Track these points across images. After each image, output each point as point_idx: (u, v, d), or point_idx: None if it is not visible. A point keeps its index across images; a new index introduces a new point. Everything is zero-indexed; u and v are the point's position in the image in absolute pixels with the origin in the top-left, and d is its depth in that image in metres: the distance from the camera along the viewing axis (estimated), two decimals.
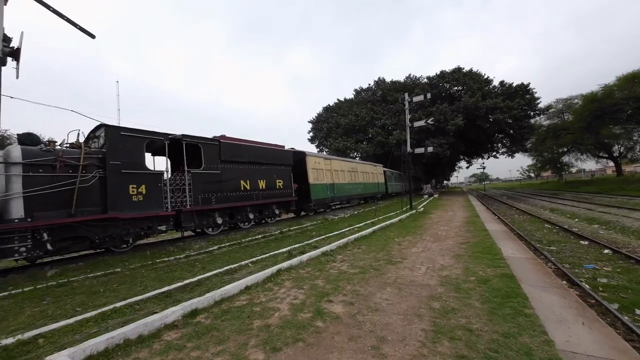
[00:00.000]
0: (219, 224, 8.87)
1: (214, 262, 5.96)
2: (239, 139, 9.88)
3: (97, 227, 6.18)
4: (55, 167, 5.61)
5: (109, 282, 4.87)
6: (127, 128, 6.77)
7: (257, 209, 10.45)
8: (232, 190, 9.12)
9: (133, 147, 6.78)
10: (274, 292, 4.09)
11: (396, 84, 37.38)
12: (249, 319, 3.26)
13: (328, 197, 14.60)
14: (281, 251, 6.31)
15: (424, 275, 4.53)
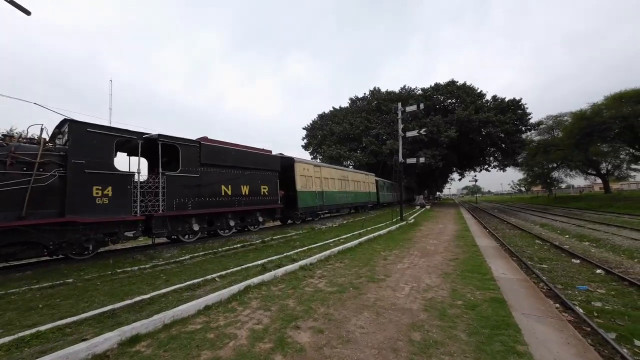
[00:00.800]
0: (195, 230, 8.31)
1: (180, 275, 5.41)
2: (222, 142, 9.42)
3: (52, 232, 5.59)
4: (5, 164, 5.05)
5: (54, 296, 4.29)
6: (95, 124, 6.25)
7: (239, 215, 9.92)
8: (211, 195, 8.60)
9: (101, 145, 6.26)
10: (237, 313, 3.59)
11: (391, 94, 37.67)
12: (197, 349, 2.76)
13: (317, 205, 14.14)
14: (255, 264, 5.80)
15: (407, 297, 4.09)
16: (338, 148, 35.62)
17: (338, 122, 38.56)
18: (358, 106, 41.18)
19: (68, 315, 3.44)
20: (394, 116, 22.76)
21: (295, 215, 12.85)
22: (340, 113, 41.34)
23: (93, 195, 6.03)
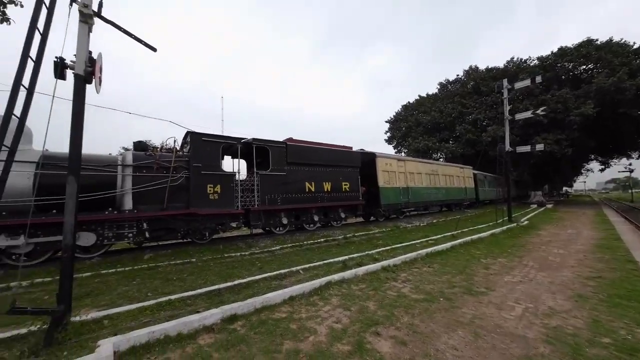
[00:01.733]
0: (284, 224, 9.11)
1: (271, 263, 6.01)
2: (306, 142, 9.96)
3: (182, 221, 7.16)
4: (153, 169, 6.75)
5: (183, 271, 5.46)
6: (207, 134, 7.63)
7: (322, 211, 10.30)
8: (297, 192, 9.23)
9: (211, 150, 7.60)
10: (317, 308, 3.67)
11: (492, 72, 31.73)
12: (281, 337, 2.93)
13: (401, 202, 13.29)
14: (336, 260, 5.85)
15: (519, 320, 3.27)
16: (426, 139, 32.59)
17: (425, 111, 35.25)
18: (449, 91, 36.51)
19: (190, 289, 4.29)
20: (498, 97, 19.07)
21: (378, 212, 12.44)
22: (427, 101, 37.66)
23: (207, 192, 7.40)
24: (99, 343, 2.59)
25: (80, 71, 3.01)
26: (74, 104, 2.97)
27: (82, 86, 3.04)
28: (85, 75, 3.05)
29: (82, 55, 3.05)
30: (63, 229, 2.84)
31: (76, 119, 2.97)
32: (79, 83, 3.01)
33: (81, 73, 3.01)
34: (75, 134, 2.97)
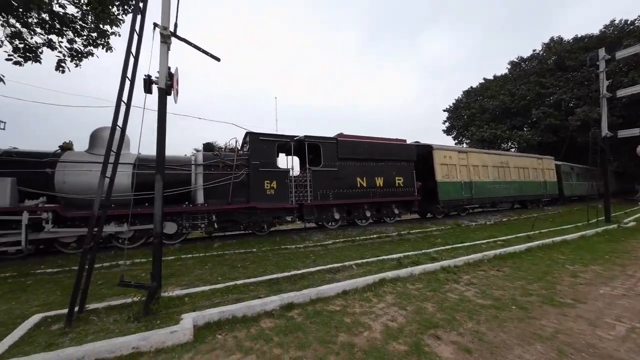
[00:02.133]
0: (336, 219, 9.22)
1: (324, 257, 6.16)
2: (357, 136, 9.85)
3: (244, 214, 7.85)
4: (219, 167, 7.54)
5: (246, 260, 6.00)
6: (263, 134, 8.17)
7: (375, 207, 10.09)
8: (348, 187, 9.23)
9: (268, 149, 8.11)
10: (371, 304, 3.64)
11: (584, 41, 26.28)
12: (335, 329, 3.00)
13: (462, 198, 12.14)
14: (391, 257, 5.68)
15: (622, 342, 2.70)
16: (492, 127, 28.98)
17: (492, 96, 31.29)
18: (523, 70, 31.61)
19: (252, 276, 4.70)
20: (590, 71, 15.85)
21: (436, 208, 11.61)
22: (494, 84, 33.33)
23: (265, 188, 7.95)
24: (181, 317, 3.04)
25: (163, 85, 3.52)
26: (159, 113, 3.50)
27: (164, 97, 3.56)
28: (166, 88, 3.56)
29: (163, 71, 3.56)
30: (153, 219, 3.39)
31: (161, 125, 3.49)
32: (161, 95, 3.53)
33: (163, 86, 3.53)
34: (160, 138, 3.49)
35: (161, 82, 3.53)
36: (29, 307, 3.70)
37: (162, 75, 3.54)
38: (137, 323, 2.96)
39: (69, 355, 2.36)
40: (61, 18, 7.14)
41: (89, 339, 2.65)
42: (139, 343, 2.59)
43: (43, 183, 6.19)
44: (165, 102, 3.59)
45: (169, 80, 3.59)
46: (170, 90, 3.68)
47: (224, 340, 2.82)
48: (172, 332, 2.72)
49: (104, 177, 3.23)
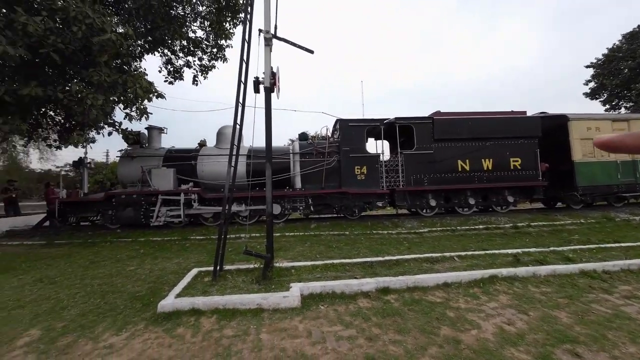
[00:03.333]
0: (432, 206, 8.51)
1: (420, 245, 5.85)
2: (457, 113, 8.62)
3: (336, 198, 8.24)
4: (313, 154, 8.10)
5: (339, 241, 6.35)
6: (352, 119, 8.21)
7: (481, 193, 8.73)
8: (447, 171, 8.29)
9: (357, 134, 8.14)
10: (480, 302, 3.25)
11: None
12: (437, 321, 2.85)
13: (618, 183, 8.99)
14: (503, 252, 4.86)
15: None
16: None
17: None
18: None
19: (347, 257, 4.94)
20: None
21: (572, 197, 9.06)
22: None
23: (355, 173, 8.08)
24: (290, 285, 3.53)
25: (267, 84, 4.00)
26: (266, 109, 4.01)
27: (269, 95, 4.04)
28: (270, 87, 4.02)
29: (267, 71, 4.03)
30: (265, 201, 3.98)
31: (267, 120, 4.00)
32: (267, 93, 4.02)
33: (268, 85, 4.00)
34: (268, 132, 4.02)
35: (266, 81, 4.01)
36: (189, 262, 5.06)
37: (266, 75, 4.02)
38: (258, 285, 3.62)
39: (216, 301, 3.13)
40: (194, 42, 9.02)
41: (227, 292, 3.42)
42: (260, 301, 3.17)
43: (190, 172, 8.22)
44: (270, 99, 4.07)
45: (272, 79, 4.04)
46: (274, 88, 4.14)
47: (326, 311, 3.11)
48: (285, 297, 3.20)
49: (231, 167, 3.98)
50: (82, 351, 2.46)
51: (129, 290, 3.75)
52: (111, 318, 3.01)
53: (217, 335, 2.66)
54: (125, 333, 2.74)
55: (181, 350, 2.46)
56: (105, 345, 2.54)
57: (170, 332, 2.74)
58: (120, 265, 4.91)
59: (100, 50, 5.33)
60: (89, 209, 8.07)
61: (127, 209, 7.59)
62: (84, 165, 10.06)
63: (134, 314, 3.09)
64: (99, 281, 4.08)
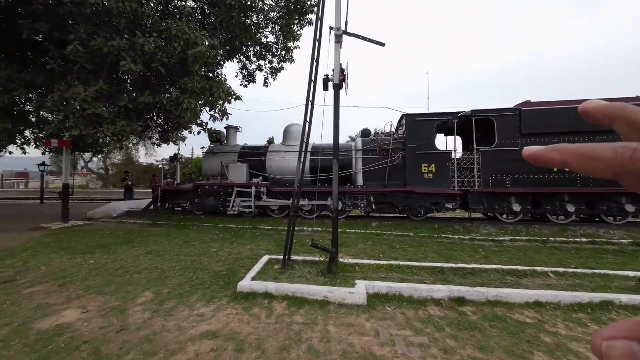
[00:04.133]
0: (516, 211, 7.37)
1: (500, 255, 5.16)
2: (554, 102, 7.21)
3: (400, 197, 7.87)
4: (377, 151, 7.89)
5: (403, 243, 6.06)
6: (420, 114, 7.68)
7: (584, 199, 7.17)
8: (537, 172, 7.05)
9: (425, 130, 7.58)
10: (587, 331, 2.67)
11: None
12: (529, 344, 2.46)
13: None
14: (620, 274, 3.89)
15: None
16: None
17: None
18: None
19: (413, 260, 4.69)
20: None
21: None
22: None
23: (422, 172, 7.56)
24: (356, 282, 3.52)
25: (337, 80, 4.03)
26: (335, 106, 4.05)
27: (338, 92, 4.07)
28: (340, 83, 4.04)
29: (337, 68, 4.05)
30: (332, 196, 4.05)
31: (336, 117, 4.04)
32: (336, 90, 4.06)
33: (337, 82, 4.03)
34: (336, 129, 4.06)
35: (335, 78, 4.04)
36: (260, 249, 5.53)
37: (336, 72, 4.05)
38: (324, 278, 3.72)
39: (287, 288, 3.33)
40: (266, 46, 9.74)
41: (296, 281, 3.62)
42: (327, 294, 3.25)
43: (260, 167, 8.96)
44: (339, 96, 4.10)
45: (342, 76, 4.06)
46: (342, 84, 4.15)
47: (393, 313, 3.00)
48: (351, 293, 3.21)
49: (300, 163, 4.17)
50: (182, 315, 2.93)
51: (213, 269, 4.30)
52: (201, 291, 3.50)
53: (288, 320, 2.84)
54: (213, 306, 3.15)
55: (258, 329, 2.70)
56: (198, 314, 2.96)
57: (248, 310, 3.04)
58: (205, 246, 5.68)
59: (193, 61, 6.21)
60: (181, 197, 9.57)
61: (210, 198, 8.74)
62: (178, 160, 11.94)
63: (219, 290, 3.52)
64: (191, 259, 4.80)
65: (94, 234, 6.87)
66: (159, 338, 2.53)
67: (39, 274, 4.03)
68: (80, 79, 6.42)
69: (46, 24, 6.76)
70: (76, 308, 3.03)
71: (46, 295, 3.32)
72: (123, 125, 6.28)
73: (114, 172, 45.44)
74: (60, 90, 6.13)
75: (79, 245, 5.63)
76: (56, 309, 3.01)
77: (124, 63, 5.76)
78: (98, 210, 9.58)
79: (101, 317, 2.88)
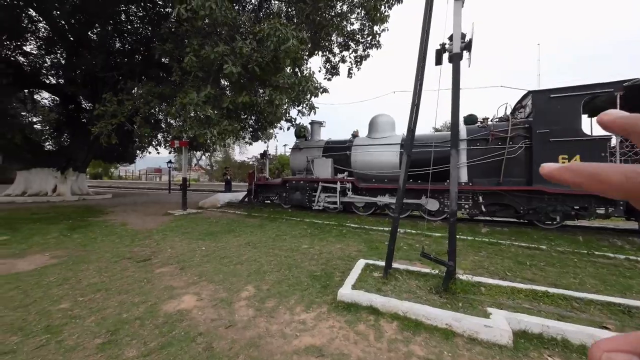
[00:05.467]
0: None
1: None
2: None
3: (522, 198, 6.20)
4: (487, 141, 6.41)
5: (533, 257, 4.65)
6: (557, 89, 5.79)
7: None
8: None
9: (565, 109, 5.67)
10: None
11: None
12: None
13: None
14: None
15: None
16: None
17: None
18: None
19: (561, 286, 3.42)
20: None
21: None
22: None
23: None
24: (488, 310, 2.67)
25: (457, 49, 3.16)
26: (454, 82, 3.20)
27: (458, 64, 3.20)
28: (460, 52, 3.16)
29: (457, 33, 3.18)
30: (449, 197, 3.25)
31: (455, 95, 3.19)
32: (456, 61, 3.19)
33: (458, 50, 3.16)
34: (455, 108, 3.21)
35: (455, 46, 3.18)
36: (350, 249, 5.14)
37: (456, 38, 3.19)
38: (440, 297, 3.00)
39: (395, 305, 2.77)
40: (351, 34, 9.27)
41: (404, 296, 3.01)
42: (451, 322, 2.53)
43: (345, 162, 8.63)
44: (459, 68, 3.22)
45: (463, 42, 3.17)
46: (463, 54, 3.25)
47: None
48: (487, 327, 2.41)
49: (407, 155, 3.51)
50: (284, 319, 2.74)
51: (307, 268, 4.12)
52: (299, 292, 3.29)
53: (404, 350, 2.29)
54: (313, 312, 2.87)
55: (368, 353, 2.24)
56: (299, 320, 2.72)
57: (352, 325, 2.62)
58: (296, 241, 5.66)
59: (284, 56, 6.24)
60: (271, 190, 10.18)
61: (296, 192, 8.95)
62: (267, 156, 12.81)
63: (316, 294, 3.25)
64: (285, 254, 4.78)
65: (204, 221, 7.88)
66: (264, 344, 2.36)
67: (166, 255, 4.65)
68: (193, 86, 7.34)
69: (170, 44, 8.05)
70: (192, 294, 3.23)
71: (171, 278, 3.71)
72: (225, 125, 6.89)
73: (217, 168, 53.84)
74: (180, 97, 7.14)
75: (193, 232, 6.45)
76: (178, 292, 3.28)
77: (226, 66, 6.22)
78: (207, 200, 11.15)
79: (212, 307, 2.97)
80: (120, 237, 5.86)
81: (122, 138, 11.24)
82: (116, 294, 3.22)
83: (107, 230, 6.51)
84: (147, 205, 11.67)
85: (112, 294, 3.22)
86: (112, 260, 4.37)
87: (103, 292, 3.27)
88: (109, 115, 8.42)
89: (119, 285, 3.44)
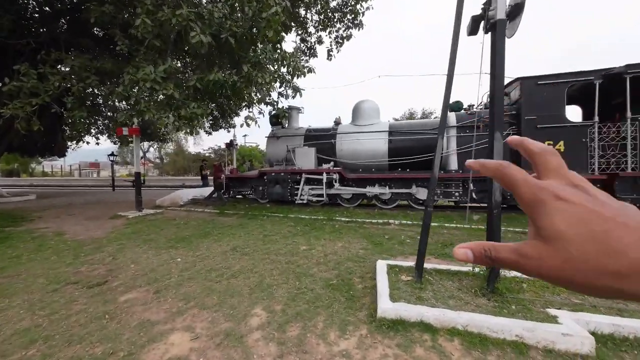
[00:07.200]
0: None
1: None
2: None
3: None
4: (479, 128, 6.36)
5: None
6: (544, 76, 5.90)
7: None
8: None
9: (551, 96, 5.83)
10: None
11: None
12: None
13: None
14: None
15: None
16: None
17: None
18: None
19: None
20: None
21: None
22: None
23: None
24: (551, 312, 2.37)
25: (503, 14, 2.72)
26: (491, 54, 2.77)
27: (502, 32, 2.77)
28: (505, 18, 2.73)
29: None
30: (490, 188, 2.88)
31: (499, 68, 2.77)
32: (499, 29, 2.76)
33: (503, 17, 2.72)
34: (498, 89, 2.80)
35: (500, 11, 2.74)
36: (355, 247, 4.61)
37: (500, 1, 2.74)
38: (489, 301, 2.63)
39: (453, 319, 2.31)
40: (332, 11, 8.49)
41: (451, 304, 2.58)
42: (522, 332, 2.16)
43: (329, 151, 8.01)
44: (504, 40, 2.80)
45: (509, 6, 2.74)
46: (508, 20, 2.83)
47: None
48: (565, 335, 2.07)
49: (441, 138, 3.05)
50: (319, 352, 2.09)
51: (318, 275, 3.47)
52: (324, 310, 2.65)
53: None
54: (352, 337, 2.27)
55: None
56: (340, 352, 2.10)
57: (407, 351, 2.09)
58: (289, 242, 4.94)
59: (266, 26, 5.28)
60: (245, 184, 9.12)
61: (276, 185, 8.09)
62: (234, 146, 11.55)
63: (345, 311, 2.65)
64: (285, 259, 4.05)
65: (168, 224, 6.63)
66: None
67: (129, 274, 3.57)
68: (147, 59, 5.93)
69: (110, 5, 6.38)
70: (182, 330, 2.37)
71: (145, 308, 2.74)
72: (194, 108, 5.70)
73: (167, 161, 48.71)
74: (129, 73, 5.71)
75: (159, 238, 5.29)
76: (160, 329, 2.39)
77: (193, 34, 5.04)
78: (166, 198, 9.61)
79: (216, 347, 2.17)
80: (57, 253, 4.47)
81: (50, 125, 8.99)
82: (63, 345, 2.20)
83: (36, 244, 4.98)
84: (88, 206, 9.66)
85: (57, 346, 2.19)
86: (50, 289, 3.18)
87: (40, 344, 2.21)
88: (26, 93, 6.47)
89: (65, 330, 2.39)
